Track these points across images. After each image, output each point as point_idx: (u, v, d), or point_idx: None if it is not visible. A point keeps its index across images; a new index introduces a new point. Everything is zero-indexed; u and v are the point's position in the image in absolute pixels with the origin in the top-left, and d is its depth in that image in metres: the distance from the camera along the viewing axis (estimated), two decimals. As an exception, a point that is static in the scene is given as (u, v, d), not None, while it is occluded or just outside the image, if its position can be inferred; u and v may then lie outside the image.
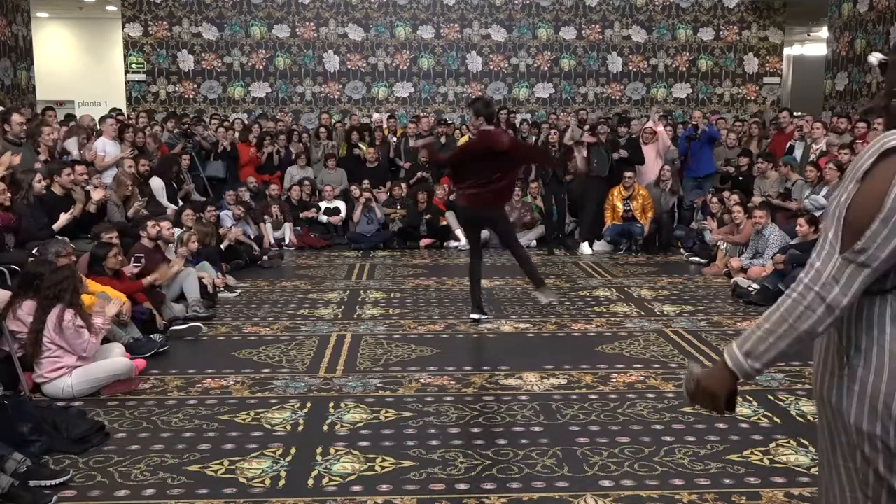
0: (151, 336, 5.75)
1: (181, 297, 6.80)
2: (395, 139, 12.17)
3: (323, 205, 11.03)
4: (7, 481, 3.39)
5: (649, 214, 9.95)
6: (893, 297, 1.75)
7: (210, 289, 7.14)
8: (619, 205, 9.98)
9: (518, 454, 3.94)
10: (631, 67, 14.97)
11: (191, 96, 14.55)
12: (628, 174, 9.98)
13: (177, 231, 7.53)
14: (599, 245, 10.13)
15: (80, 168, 7.71)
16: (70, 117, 11.03)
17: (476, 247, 6.70)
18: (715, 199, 9.72)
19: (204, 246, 7.83)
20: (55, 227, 6.74)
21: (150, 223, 6.80)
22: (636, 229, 9.89)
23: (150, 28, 14.38)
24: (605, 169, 10.01)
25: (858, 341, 1.78)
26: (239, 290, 7.76)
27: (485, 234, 10.41)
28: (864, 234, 1.68)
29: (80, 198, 7.26)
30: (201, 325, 6.30)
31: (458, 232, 10.51)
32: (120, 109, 12.71)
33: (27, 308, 4.74)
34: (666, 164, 10.48)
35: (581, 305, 7.21)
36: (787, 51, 16.60)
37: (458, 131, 12.38)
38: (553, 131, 10.69)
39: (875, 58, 1.91)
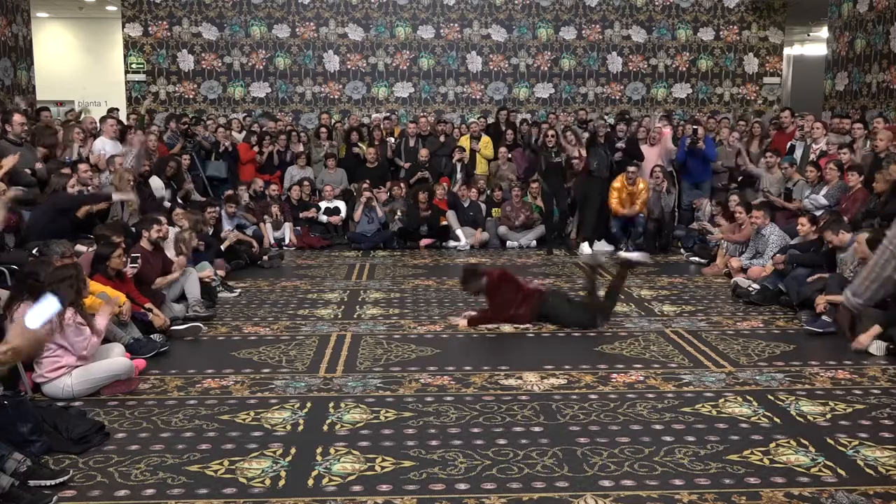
0: (151, 336, 5.75)
1: (181, 298, 6.80)
2: (394, 139, 12.18)
3: (323, 205, 11.03)
4: (7, 481, 3.39)
5: (640, 201, 9.86)
6: None
7: (212, 284, 7.16)
8: (624, 196, 9.92)
9: (518, 454, 3.94)
10: (631, 67, 14.97)
11: (191, 96, 14.55)
12: (632, 169, 9.98)
13: (172, 231, 7.52)
14: (599, 245, 10.11)
15: (83, 166, 7.71)
16: (67, 122, 11.00)
17: None
18: (714, 202, 9.72)
19: (199, 233, 7.80)
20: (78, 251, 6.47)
21: (154, 227, 6.80)
22: (639, 220, 9.89)
23: (150, 28, 14.38)
24: (604, 170, 10.01)
25: None
26: (239, 290, 7.77)
27: (484, 235, 10.49)
28: None
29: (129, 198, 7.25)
30: (201, 325, 6.30)
31: (459, 232, 10.51)
32: (118, 109, 12.71)
33: (24, 311, 4.72)
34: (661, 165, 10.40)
35: (581, 305, 7.21)
36: (787, 51, 16.59)
37: (457, 131, 12.38)
38: (551, 132, 10.62)
39: None
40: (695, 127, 10.66)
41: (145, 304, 6.03)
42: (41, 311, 2.07)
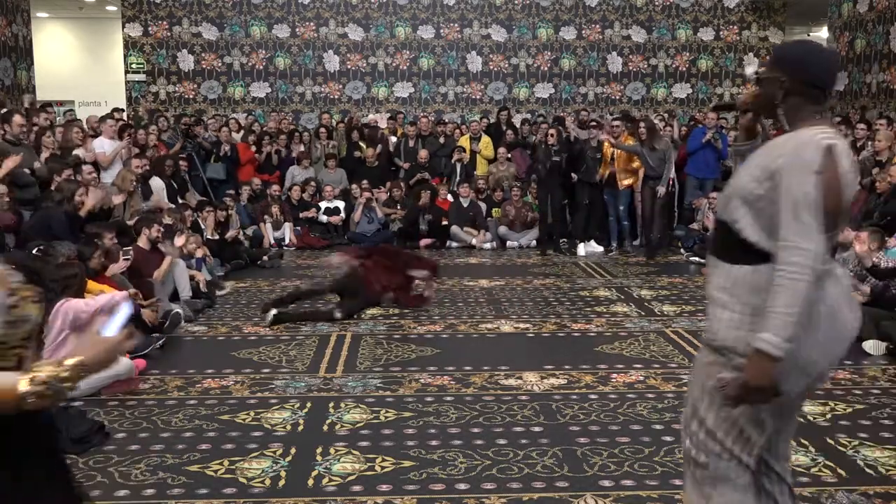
0: (150, 336, 5.75)
1: (175, 297, 6.79)
2: (395, 138, 12.18)
3: (323, 205, 11.03)
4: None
5: (626, 182, 9.75)
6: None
7: (203, 287, 7.16)
8: (608, 152, 9.89)
9: (518, 454, 3.94)
10: (631, 67, 14.97)
11: (191, 96, 14.55)
12: (615, 123, 9.99)
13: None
14: (591, 246, 10.08)
15: (86, 168, 7.72)
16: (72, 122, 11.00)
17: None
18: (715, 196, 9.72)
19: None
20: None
21: (154, 226, 6.81)
22: (623, 213, 9.81)
23: (150, 28, 14.38)
24: (593, 174, 9.97)
25: None
26: (227, 288, 7.77)
27: (487, 236, 10.46)
28: (836, 219, 2.16)
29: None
30: (180, 311, 6.29)
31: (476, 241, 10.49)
32: (122, 109, 12.73)
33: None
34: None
35: (581, 305, 7.22)
36: (787, 51, 16.59)
37: (457, 130, 12.38)
38: (551, 131, 10.53)
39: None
40: (721, 126, 10.58)
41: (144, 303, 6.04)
42: (117, 319, 1.97)
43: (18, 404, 1.61)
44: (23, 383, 1.61)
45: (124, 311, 1.98)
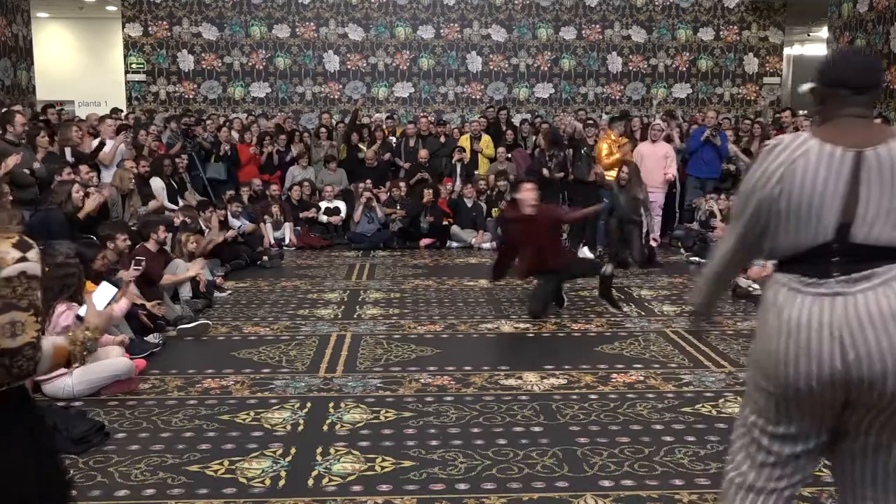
0: (146, 338, 5.74)
1: (175, 297, 6.80)
2: (394, 139, 12.18)
3: (323, 205, 11.03)
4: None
5: (610, 175, 9.74)
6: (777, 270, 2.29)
7: (202, 287, 7.17)
8: (615, 154, 9.88)
9: (518, 454, 3.94)
10: (631, 67, 14.97)
11: (191, 96, 14.55)
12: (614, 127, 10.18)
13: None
14: (583, 251, 10.05)
15: (83, 167, 7.72)
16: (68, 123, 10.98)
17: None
18: (720, 199, 9.72)
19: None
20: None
21: (160, 228, 6.81)
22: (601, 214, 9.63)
23: (150, 28, 14.37)
24: (586, 173, 9.93)
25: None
26: (229, 290, 7.76)
27: (486, 236, 10.45)
28: (745, 221, 2.31)
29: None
30: (209, 322, 6.33)
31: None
32: (121, 110, 12.73)
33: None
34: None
35: (581, 305, 7.21)
36: (787, 51, 16.57)
37: (457, 130, 12.37)
38: (579, 125, 10.46)
39: (806, 86, 2.48)
40: (719, 122, 10.60)
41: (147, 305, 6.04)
42: (102, 295, 2.60)
43: (69, 360, 2.13)
44: (69, 344, 2.13)
45: (108, 289, 2.62)
